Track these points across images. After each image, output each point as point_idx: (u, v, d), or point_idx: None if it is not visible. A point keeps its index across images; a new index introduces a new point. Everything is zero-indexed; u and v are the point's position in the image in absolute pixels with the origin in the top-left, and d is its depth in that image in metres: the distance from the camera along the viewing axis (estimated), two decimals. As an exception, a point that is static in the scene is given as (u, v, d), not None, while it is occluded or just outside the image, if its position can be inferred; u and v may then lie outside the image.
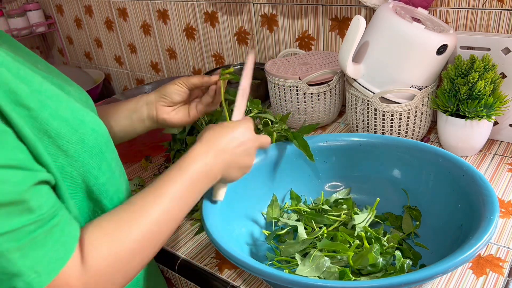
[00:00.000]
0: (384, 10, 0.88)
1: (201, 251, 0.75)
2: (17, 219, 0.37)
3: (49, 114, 0.43)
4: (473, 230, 0.54)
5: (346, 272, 0.58)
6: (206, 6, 1.39)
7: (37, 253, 0.38)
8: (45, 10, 2.00)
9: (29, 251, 0.38)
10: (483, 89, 0.81)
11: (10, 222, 0.37)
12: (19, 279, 0.37)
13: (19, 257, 0.37)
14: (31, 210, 0.38)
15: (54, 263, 0.39)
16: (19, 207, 0.37)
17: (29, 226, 0.38)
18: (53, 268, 0.39)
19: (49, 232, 0.39)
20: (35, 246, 0.38)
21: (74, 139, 0.46)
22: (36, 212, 0.39)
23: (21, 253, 0.37)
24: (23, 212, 0.38)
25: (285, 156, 0.78)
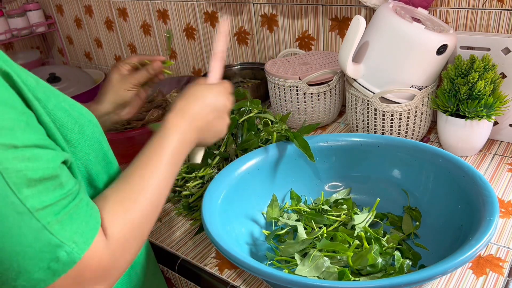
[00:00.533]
0: (384, 10, 0.88)
1: (201, 251, 0.75)
2: (53, 193, 0.40)
3: (54, 105, 0.45)
4: (473, 230, 0.54)
5: (346, 272, 0.58)
6: (206, 6, 1.39)
7: (72, 225, 0.40)
8: (45, 10, 2.00)
9: (66, 223, 0.40)
10: (483, 89, 0.81)
11: (49, 197, 0.39)
12: (61, 250, 0.39)
13: (59, 229, 0.39)
14: (62, 185, 0.41)
15: (87, 233, 0.42)
16: (53, 183, 0.40)
17: (63, 200, 0.41)
18: (88, 237, 0.41)
19: (78, 206, 0.42)
20: (70, 219, 0.41)
21: (75, 129, 0.48)
22: (66, 187, 0.41)
23: (60, 225, 0.39)
24: (57, 187, 0.40)
25: (285, 156, 0.78)
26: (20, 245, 0.37)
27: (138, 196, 0.49)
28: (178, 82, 1.33)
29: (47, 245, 0.38)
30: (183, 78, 1.36)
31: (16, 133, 0.37)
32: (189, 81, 1.32)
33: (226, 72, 1.35)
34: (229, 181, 0.71)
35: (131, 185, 0.50)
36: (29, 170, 0.38)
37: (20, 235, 0.37)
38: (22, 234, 0.37)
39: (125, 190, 0.49)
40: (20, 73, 0.41)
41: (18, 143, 0.37)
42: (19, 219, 0.37)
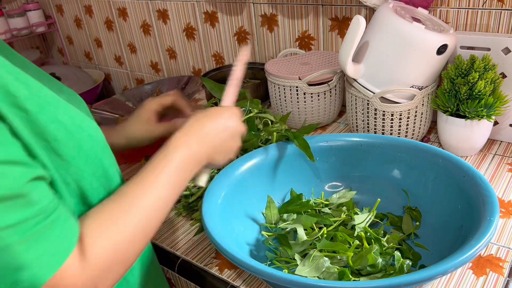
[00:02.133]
0: (384, 10, 0.88)
1: (201, 251, 0.75)
2: (19, 212, 0.38)
3: (48, 118, 0.43)
4: (473, 231, 0.54)
5: (346, 272, 0.58)
6: (206, 6, 1.39)
7: (40, 246, 0.38)
8: (45, 10, 2.00)
9: (33, 244, 0.38)
10: (483, 89, 0.81)
11: (13, 216, 0.37)
12: (24, 272, 0.37)
13: (23, 250, 0.37)
14: (32, 203, 0.39)
15: (57, 255, 0.39)
16: (20, 201, 0.38)
17: (32, 220, 0.38)
18: (57, 260, 0.39)
19: (51, 225, 0.40)
20: (39, 239, 0.38)
21: (70, 144, 0.46)
22: (38, 205, 0.39)
23: (25, 246, 0.37)
24: (25, 206, 0.38)
25: (285, 156, 0.78)
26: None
27: (126, 216, 0.46)
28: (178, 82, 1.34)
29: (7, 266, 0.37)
30: (183, 78, 1.36)
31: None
32: (189, 81, 1.32)
33: (226, 72, 1.35)
34: (229, 181, 0.71)
35: (120, 203, 0.47)
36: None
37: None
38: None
39: (113, 209, 0.46)
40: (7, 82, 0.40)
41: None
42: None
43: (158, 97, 0.76)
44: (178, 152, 0.54)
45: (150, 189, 0.49)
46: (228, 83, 0.68)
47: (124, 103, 1.26)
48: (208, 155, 0.58)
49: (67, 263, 0.40)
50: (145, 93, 1.31)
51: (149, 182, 0.50)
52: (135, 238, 0.47)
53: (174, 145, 0.55)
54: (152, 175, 0.50)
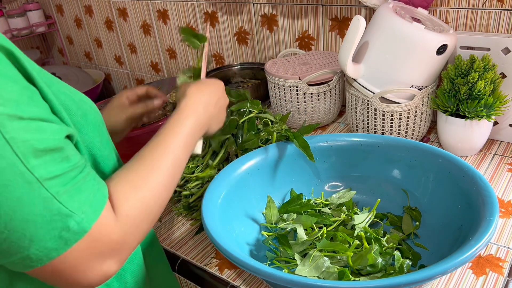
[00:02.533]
0: (384, 10, 0.88)
1: (201, 251, 0.75)
2: (60, 165, 0.40)
3: (57, 89, 0.46)
4: (473, 231, 0.54)
5: (346, 272, 0.58)
6: (206, 6, 1.39)
7: (80, 196, 0.41)
8: (45, 10, 2.00)
9: (74, 194, 0.41)
10: (483, 89, 0.81)
11: (56, 168, 0.40)
12: (71, 219, 0.40)
13: (68, 199, 0.40)
14: (68, 158, 0.41)
15: (95, 205, 0.42)
16: (60, 154, 0.40)
17: (70, 172, 0.41)
18: (95, 209, 0.42)
19: (85, 178, 0.43)
20: (78, 190, 0.41)
21: (78, 113, 0.49)
22: (72, 161, 0.42)
23: (68, 196, 0.40)
24: (64, 159, 0.41)
25: (285, 156, 0.78)
26: (31, 214, 0.38)
27: (150, 174, 0.50)
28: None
29: (57, 214, 0.39)
30: (183, 78, 1.36)
31: (21, 105, 0.38)
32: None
33: (226, 72, 1.35)
34: (229, 181, 0.71)
35: (143, 164, 0.51)
36: (35, 141, 0.38)
37: (30, 204, 0.38)
38: (32, 203, 0.38)
39: (138, 169, 0.50)
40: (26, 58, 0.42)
41: (23, 114, 0.38)
42: (28, 188, 0.37)
43: None
44: (188, 119, 0.58)
45: (168, 150, 0.53)
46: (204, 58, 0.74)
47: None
48: (208, 123, 0.63)
49: (103, 214, 0.43)
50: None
51: (166, 144, 0.54)
52: (159, 194, 0.50)
53: (185, 111, 0.59)
54: (168, 139, 0.55)
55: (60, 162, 0.40)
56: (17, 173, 0.37)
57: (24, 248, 0.38)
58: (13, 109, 0.37)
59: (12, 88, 0.38)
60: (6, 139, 0.36)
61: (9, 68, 0.39)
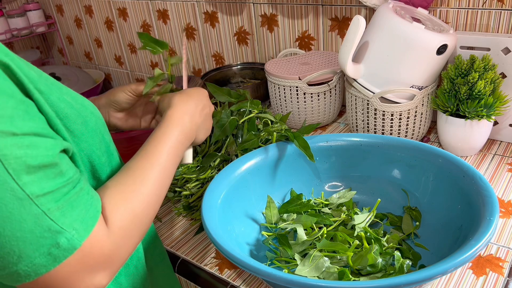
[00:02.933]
0: (384, 10, 0.88)
1: (201, 251, 0.75)
2: (54, 181, 0.40)
3: (56, 97, 0.46)
4: (473, 231, 0.54)
5: (346, 272, 0.58)
6: (206, 6, 1.39)
7: (73, 212, 0.41)
8: (45, 10, 2.00)
9: (66, 210, 0.41)
10: (483, 89, 0.81)
11: (49, 184, 0.40)
12: (62, 236, 0.40)
13: (59, 216, 0.40)
14: (62, 173, 0.41)
15: (87, 221, 0.42)
16: (53, 170, 0.40)
17: (63, 188, 0.41)
18: (88, 225, 0.42)
19: (78, 194, 0.43)
20: (71, 206, 0.41)
21: (78, 120, 0.49)
22: (66, 176, 0.42)
23: (60, 212, 0.40)
24: (58, 175, 0.41)
25: (285, 156, 0.78)
26: (21, 231, 0.38)
27: (139, 187, 0.50)
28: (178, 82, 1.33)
29: (47, 231, 0.39)
30: (183, 78, 1.36)
31: (15, 121, 0.38)
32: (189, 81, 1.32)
33: (226, 72, 1.35)
34: (229, 181, 0.71)
35: (132, 176, 0.51)
36: (28, 157, 0.38)
37: (21, 220, 0.38)
38: (22, 219, 0.38)
39: (127, 181, 0.50)
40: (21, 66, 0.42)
41: (17, 130, 0.38)
42: (19, 205, 0.37)
43: None
44: (175, 128, 0.59)
45: (155, 162, 0.54)
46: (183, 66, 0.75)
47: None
48: (194, 132, 0.63)
49: (95, 229, 0.43)
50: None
51: (154, 156, 0.55)
52: (149, 205, 0.51)
53: (171, 122, 0.59)
54: (155, 150, 0.55)
55: (53, 178, 0.40)
56: (8, 189, 0.37)
57: (13, 264, 0.38)
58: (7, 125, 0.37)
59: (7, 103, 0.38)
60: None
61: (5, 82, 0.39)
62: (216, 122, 0.80)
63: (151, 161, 0.54)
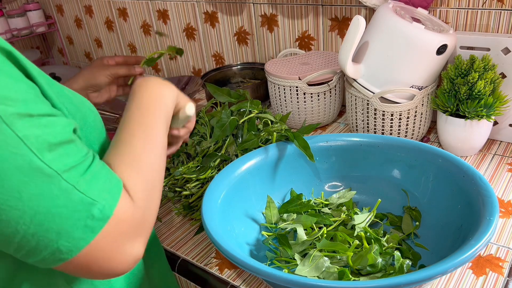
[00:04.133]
0: (384, 10, 0.88)
1: (201, 251, 0.75)
2: (74, 156, 0.41)
3: (57, 91, 0.46)
4: (473, 230, 0.54)
5: (346, 272, 0.58)
6: (206, 6, 1.39)
7: (98, 184, 0.42)
8: (45, 10, 2.00)
9: (92, 182, 0.41)
10: (483, 89, 0.81)
11: (71, 159, 0.41)
12: (94, 207, 0.41)
13: (87, 188, 0.41)
14: (80, 149, 0.42)
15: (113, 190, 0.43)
16: (72, 146, 0.41)
17: (84, 162, 0.42)
18: (114, 194, 0.43)
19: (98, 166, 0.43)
20: (95, 178, 0.42)
21: (78, 115, 0.49)
22: (84, 150, 0.43)
23: (88, 185, 0.41)
24: (77, 150, 0.42)
25: (285, 156, 0.78)
26: (55, 207, 0.39)
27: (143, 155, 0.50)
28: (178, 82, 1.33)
29: (80, 203, 0.40)
30: (183, 78, 1.36)
31: (29, 104, 0.39)
32: (189, 81, 1.32)
33: (226, 72, 1.35)
34: (229, 181, 0.71)
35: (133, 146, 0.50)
36: (48, 135, 0.39)
37: (53, 197, 0.38)
38: (54, 196, 0.39)
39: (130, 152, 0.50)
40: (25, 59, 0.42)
41: (32, 112, 0.39)
42: (49, 182, 0.38)
43: None
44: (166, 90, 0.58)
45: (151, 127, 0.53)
46: None
47: (124, 103, 1.25)
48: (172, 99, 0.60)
49: (122, 197, 0.43)
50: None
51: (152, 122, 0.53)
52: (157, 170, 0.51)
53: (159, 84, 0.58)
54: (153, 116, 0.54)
55: (73, 154, 0.41)
56: (35, 169, 0.38)
57: (53, 241, 0.39)
58: (22, 108, 0.38)
59: (18, 87, 0.39)
60: (20, 137, 0.37)
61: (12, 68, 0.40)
62: (216, 122, 0.80)
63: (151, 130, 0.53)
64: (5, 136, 0.36)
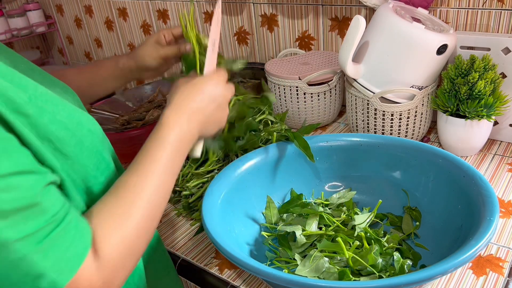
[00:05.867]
0: (384, 10, 0.88)
1: (201, 251, 0.75)
2: (34, 221, 0.38)
3: (48, 120, 0.43)
4: (473, 230, 0.54)
5: (346, 272, 0.58)
6: (206, 6, 1.39)
7: (57, 252, 0.39)
8: (45, 10, 2.00)
9: (49, 251, 0.38)
10: (483, 89, 0.81)
11: (29, 226, 0.38)
12: (43, 280, 0.38)
13: (41, 259, 0.38)
14: (45, 211, 0.39)
15: (73, 259, 0.40)
16: (35, 210, 0.38)
17: (46, 227, 0.39)
18: (73, 264, 0.40)
19: (64, 230, 0.40)
20: (54, 246, 0.39)
21: (72, 142, 0.46)
22: (50, 213, 0.40)
23: (42, 254, 0.38)
24: (39, 214, 0.39)
25: (285, 156, 0.78)
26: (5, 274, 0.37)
27: (131, 210, 0.46)
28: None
29: (27, 275, 0.37)
30: (183, 78, 1.36)
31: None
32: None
33: (226, 72, 1.35)
34: (229, 181, 0.71)
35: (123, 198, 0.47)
36: (3, 202, 0.36)
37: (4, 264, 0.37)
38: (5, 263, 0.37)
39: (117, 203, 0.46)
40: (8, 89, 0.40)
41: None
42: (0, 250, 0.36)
43: None
44: (171, 135, 0.53)
45: (150, 177, 0.49)
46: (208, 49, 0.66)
47: (124, 103, 1.25)
48: (199, 129, 0.57)
49: (83, 266, 0.40)
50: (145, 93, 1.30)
51: (148, 170, 0.49)
52: (143, 229, 0.47)
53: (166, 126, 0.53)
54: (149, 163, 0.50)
55: (33, 219, 0.38)
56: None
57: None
58: None
59: None
60: None
61: None
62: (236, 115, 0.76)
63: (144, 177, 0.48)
64: None
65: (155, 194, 0.49)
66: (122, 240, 0.44)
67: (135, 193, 0.47)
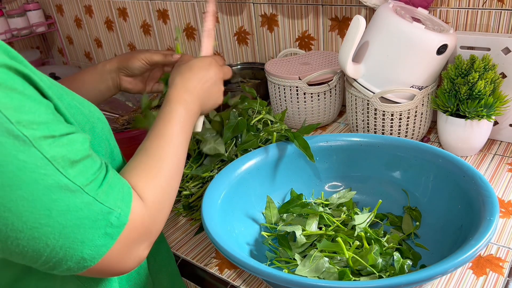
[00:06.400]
0: (384, 10, 0.88)
1: (201, 251, 0.75)
2: (93, 169, 0.44)
3: (67, 103, 0.47)
4: (473, 230, 0.54)
5: (346, 272, 0.58)
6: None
7: (113, 193, 0.45)
8: (45, 10, 2.00)
9: (108, 192, 0.44)
10: (483, 89, 0.81)
11: (90, 172, 0.44)
12: (112, 215, 0.44)
13: (106, 198, 0.44)
14: (96, 161, 0.45)
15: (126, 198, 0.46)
16: (90, 160, 0.44)
17: (100, 174, 0.45)
18: (128, 202, 0.46)
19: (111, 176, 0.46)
20: (110, 188, 0.45)
21: (87, 127, 0.50)
22: (99, 161, 0.46)
23: (105, 195, 0.44)
24: (94, 163, 0.45)
25: (285, 156, 0.78)
26: (80, 218, 0.41)
27: (159, 164, 0.54)
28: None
29: (100, 213, 0.43)
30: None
31: (51, 125, 0.41)
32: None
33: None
34: (229, 181, 0.71)
35: (150, 156, 0.54)
36: (70, 153, 0.42)
37: (78, 210, 0.41)
38: (79, 209, 0.41)
39: (147, 161, 0.54)
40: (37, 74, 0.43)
41: (55, 133, 0.41)
42: (74, 197, 0.41)
43: None
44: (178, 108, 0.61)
45: (169, 139, 0.57)
46: (202, 34, 0.74)
47: (124, 103, 1.25)
48: (199, 105, 0.65)
49: (134, 205, 0.47)
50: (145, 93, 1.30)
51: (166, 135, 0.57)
52: (171, 179, 0.55)
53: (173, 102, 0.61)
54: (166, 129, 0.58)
55: (91, 167, 0.44)
56: (62, 186, 0.40)
57: (79, 250, 0.42)
58: (46, 130, 0.40)
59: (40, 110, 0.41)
60: (48, 158, 0.39)
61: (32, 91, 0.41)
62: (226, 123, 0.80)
63: (165, 140, 0.56)
64: (35, 159, 0.39)
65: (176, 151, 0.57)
66: (158, 187, 0.52)
67: (161, 151, 0.55)
